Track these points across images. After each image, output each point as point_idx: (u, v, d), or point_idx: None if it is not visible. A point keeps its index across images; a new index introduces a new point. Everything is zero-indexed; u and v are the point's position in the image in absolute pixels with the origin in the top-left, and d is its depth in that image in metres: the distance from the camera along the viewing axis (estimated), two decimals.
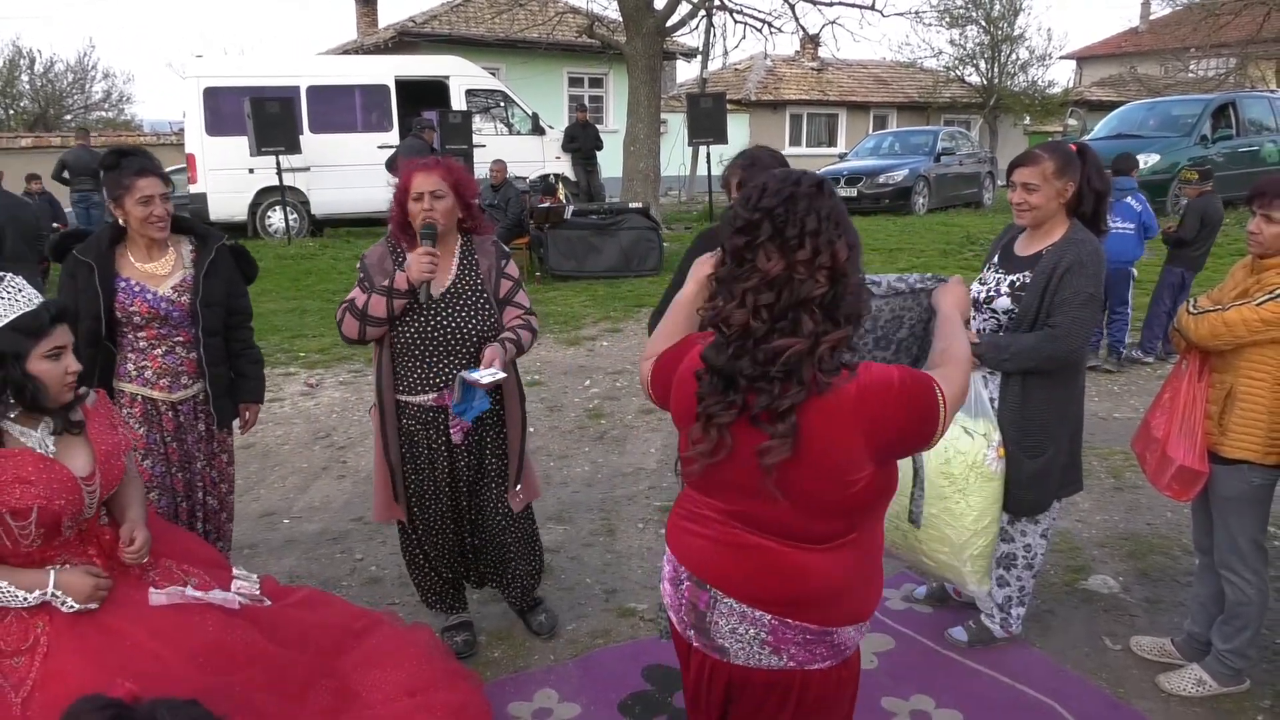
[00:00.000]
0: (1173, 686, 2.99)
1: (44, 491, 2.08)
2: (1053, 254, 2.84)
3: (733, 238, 1.60)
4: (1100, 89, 30.05)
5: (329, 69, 14.94)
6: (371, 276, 2.98)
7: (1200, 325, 2.79)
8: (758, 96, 25.27)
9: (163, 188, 2.94)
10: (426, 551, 3.22)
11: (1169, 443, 2.89)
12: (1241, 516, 2.83)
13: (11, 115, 26.60)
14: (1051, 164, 2.83)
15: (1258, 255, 2.79)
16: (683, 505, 1.81)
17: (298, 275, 10.88)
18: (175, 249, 3.08)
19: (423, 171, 2.94)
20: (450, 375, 2.94)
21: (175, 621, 2.26)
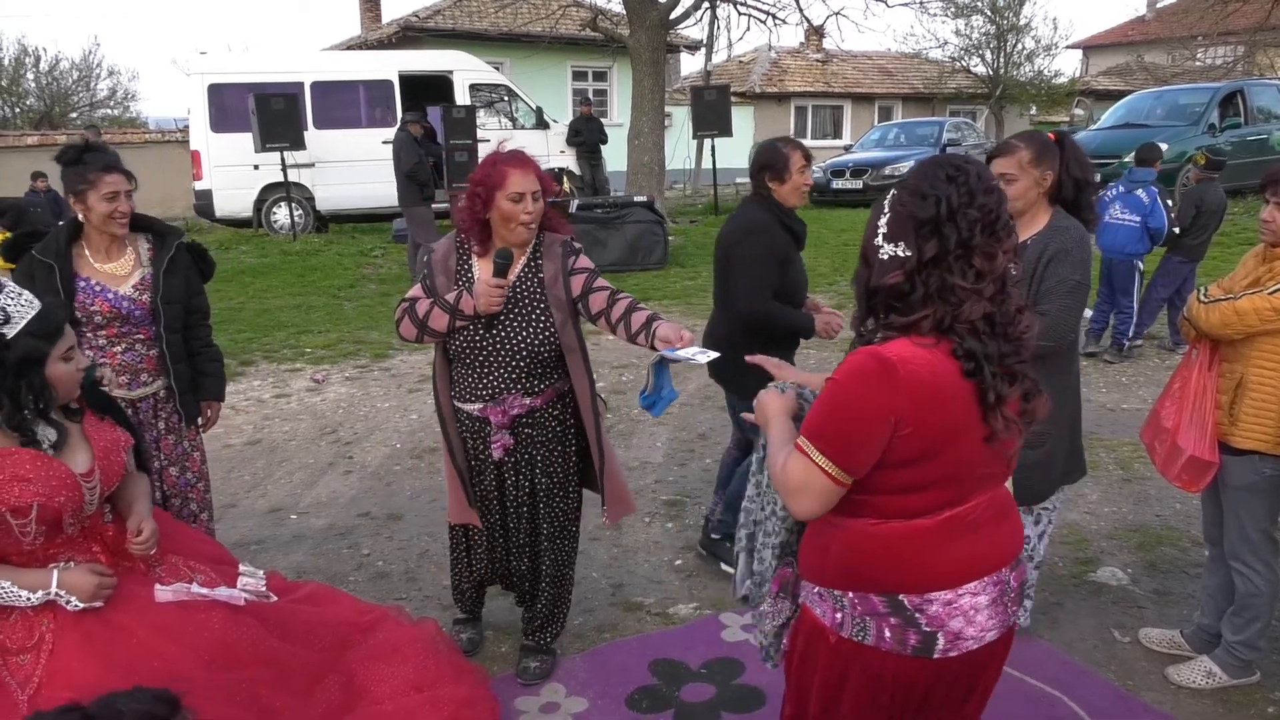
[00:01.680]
0: (1182, 678, 2.98)
1: (43, 489, 2.08)
2: (1038, 242, 2.83)
3: (937, 237, 1.61)
4: (1107, 78, 29.87)
5: (333, 65, 14.95)
6: (434, 276, 2.86)
7: (1211, 314, 2.77)
8: (762, 89, 25.18)
9: (128, 184, 2.95)
10: (470, 555, 3.17)
11: (1179, 433, 2.87)
12: (1251, 507, 2.81)
13: (17, 113, 26.65)
14: (1028, 153, 2.83)
15: (1270, 243, 2.77)
16: (950, 530, 1.69)
17: (303, 271, 10.89)
18: (133, 247, 3.08)
19: (520, 169, 2.73)
20: (499, 388, 2.82)
21: (181, 618, 2.26)
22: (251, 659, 2.33)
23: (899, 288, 1.64)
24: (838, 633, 1.73)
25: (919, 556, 1.69)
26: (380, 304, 9.43)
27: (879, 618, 1.70)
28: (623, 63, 18.04)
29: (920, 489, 1.66)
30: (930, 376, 1.60)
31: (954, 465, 1.65)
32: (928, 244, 1.61)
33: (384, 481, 4.90)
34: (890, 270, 1.64)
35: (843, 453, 1.62)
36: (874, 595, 1.70)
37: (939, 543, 1.69)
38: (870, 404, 1.60)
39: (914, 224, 1.62)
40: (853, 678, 1.75)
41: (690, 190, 19.01)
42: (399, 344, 7.79)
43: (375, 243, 12.48)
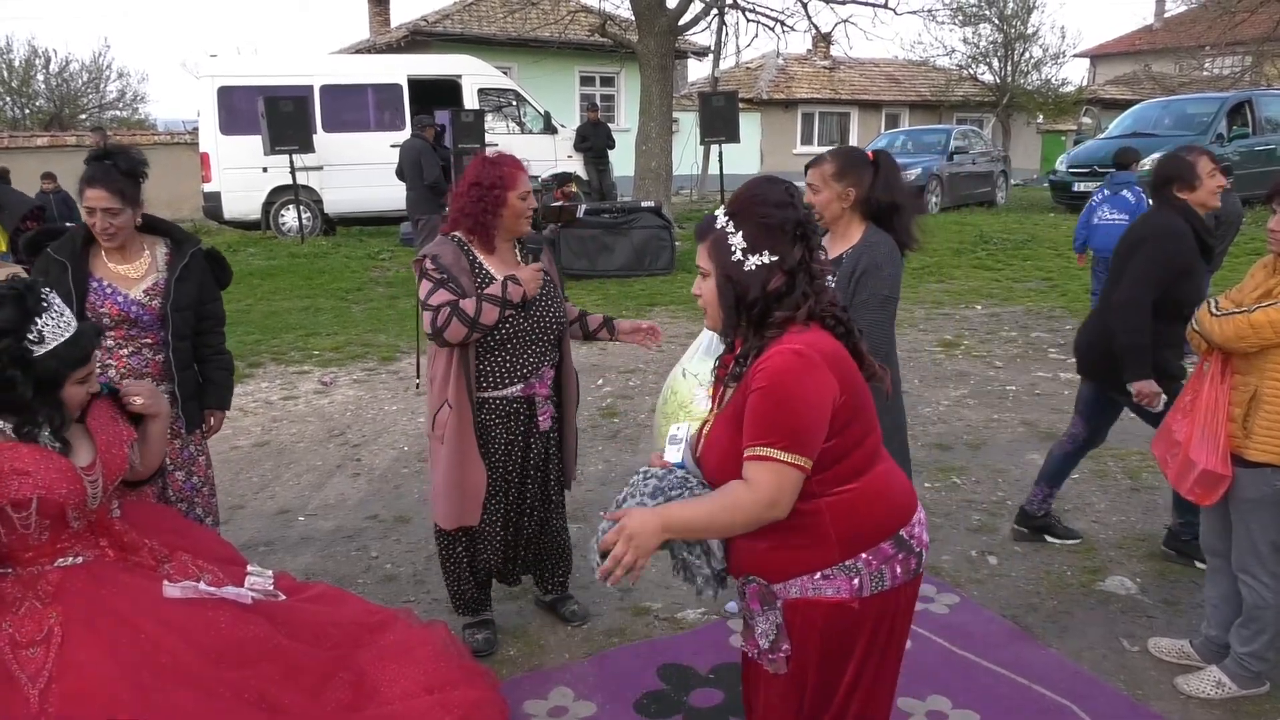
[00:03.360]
0: (1192, 688, 2.97)
1: (42, 482, 2.09)
2: (851, 257, 2.92)
3: (797, 245, 1.85)
4: (1114, 87, 29.87)
5: (342, 68, 14.99)
6: (457, 278, 2.96)
7: (1225, 327, 2.75)
8: (769, 95, 25.22)
9: (109, 201, 2.87)
10: (473, 554, 3.21)
11: (1191, 446, 2.86)
12: (1262, 520, 2.80)
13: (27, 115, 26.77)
14: (831, 167, 2.97)
15: (1278, 253, 2.77)
16: (880, 476, 1.91)
17: (311, 274, 10.92)
18: (150, 251, 3.05)
19: (521, 170, 3.04)
20: (535, 364, 3.09)
21: (189, 615, 2.26)
22: (259, 656, 2.33)
23: (779, 290, 1.84)
24: (859, 596, 1.86)
25: (896, 490, 1.93)
26: (388, 307, 9.46)
27: (890, 561, 1.88)
28: (630, 68, 18.08)
29: (863, 439, 1.87)
30: (829, 345, 1.84)
31: (867, 413, 1.89)
32: (794, 248, 1.84)
33: (392, 484, 4.91)
34: (765, 277, 1.84)
35: (805, 443, 1.77)
36: (883, 544, 1.87)
37: (894, 472, 1.95)
38: (813, 391, 1.77)
39: (780, 233, 1.84)
40: (870, 628, 1.89)
41: (697, 196, 19.03)
42: (406, 347, 7.81)
43: (383, 246, 12.51)
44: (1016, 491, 4.61)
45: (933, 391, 6.40)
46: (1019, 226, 13.76)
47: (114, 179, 2.88)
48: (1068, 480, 4.73)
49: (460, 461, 3.02)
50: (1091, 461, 4.89)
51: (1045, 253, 11.77)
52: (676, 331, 8.18)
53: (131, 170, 2.93)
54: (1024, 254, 11.68)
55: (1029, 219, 14.81)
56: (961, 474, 4.87)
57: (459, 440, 3.01)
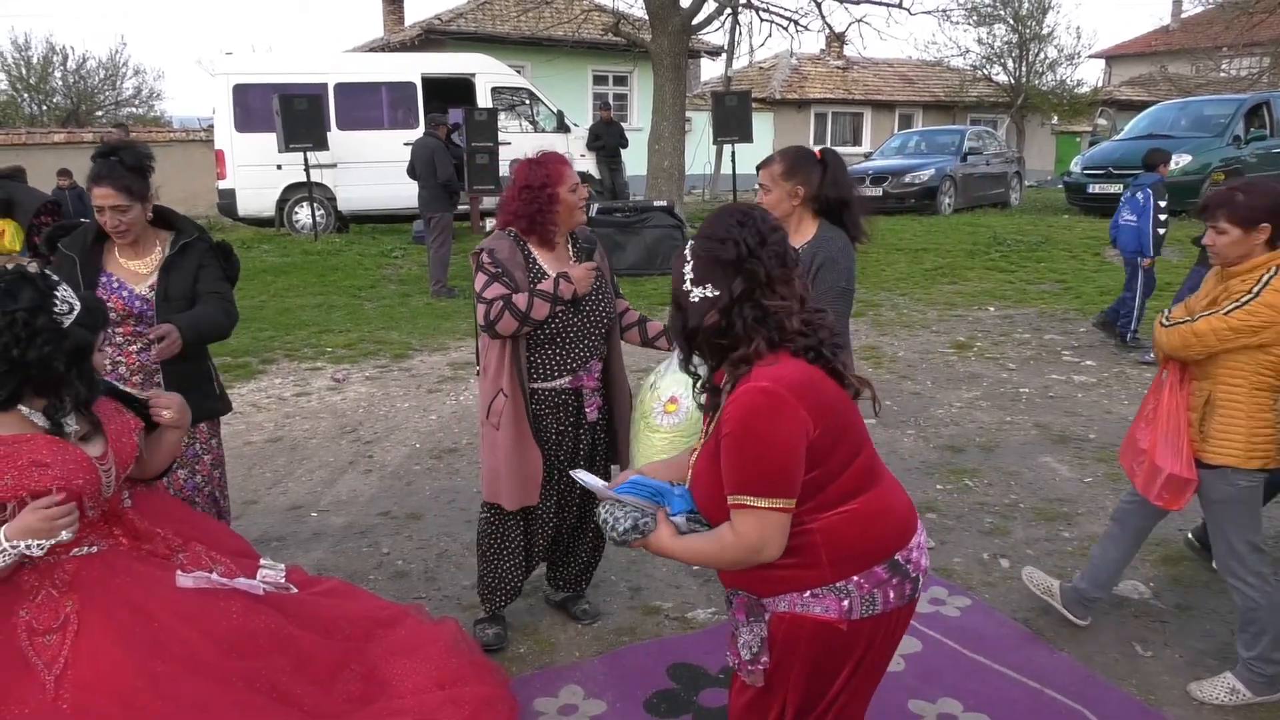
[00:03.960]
0: (1205, 695, 2.96)
1: (61, 472, 2.11)
2: (807, 252, 2.99)
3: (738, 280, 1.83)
4: (1130, 88, 29.70)
5: (356, 66, 15.03)
6: (512, 273, 3.04)
7: (1171, 336, 2.88)
8: (783, 95, 25.17)
9: (116, 199, 2.84)
10: (529, 535, 3.27)
11: (1156, 453, 2.94)
12: (1234, 519, 2.88)
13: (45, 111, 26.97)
14: (779, 167, 3.05)
15: (1221, 266, 2.89)
16: (890, 481, 1.93)
17: (324, 271, 10.96)
18: (161, 245, 3.04)
19: (567, 164, 3.11)
20: (584, 358, 3.15)
21: (202, 605, 2.28)
22: (271, 647, 2.34)
23: (718, 325, 1.83)
24: (849, 619, 1.84)
25: (893, 514, 1.89)
26: (400, 305, 9.49)
27: (883, 585, 1.85)
28: (643, 67, 18.07)
29: (850, 462, 1.84)
30: (802, 377, 1.79)
31: (853, 434, 1.86)
32: (734, 282, 1.82)
33: (404, 481, 4.93)
34: (704, 311, 1.84)
35: (783, 485, 1.75)
36: (877, 567, 1.85)
37: (895, 493, 1.92)
38: (784, 431, 1.74)
39: (719, 266, 1.83)
40: (859, 653, 1.87)
41: (709, 196, 19.02)
42: (419, 344, 7.84)
43: (395, 244, 12.55)
44: (1029, 494, 4.59)
45: (945, 393, 6.37)
46: (1033, 228, 13.69)
47: (120, 175, 2.86)
48: (1080, 484, 4.72)
49: (520, 446, 3.09)
50: (1105, 465, 4.87)
51: (1059, 254, 11.72)
52: None
53: (137, 165, 2.90)
54: (1038, 256, 11.63)
55: (1043, 220, 14.74)
56: (974, 476, 4.86)
57: (516, 426, 3.09)
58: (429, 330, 8.34)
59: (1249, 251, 2.81)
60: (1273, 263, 2.78)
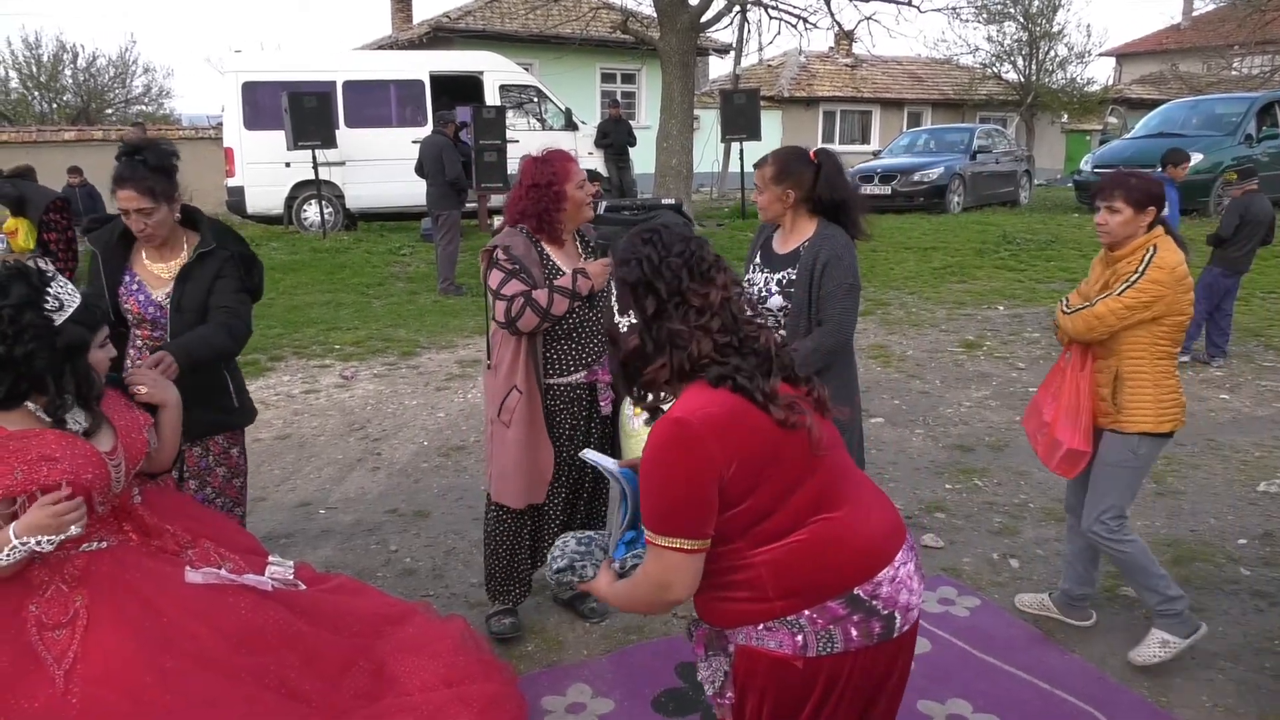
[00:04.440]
0: (1144, 658, 3.10)
1: (70, 467, 2.11)
2: (809, 250, 3.03)
3: (652, 294, 1.76)
4: (1141, 86, 29.55)
5: (365, 64, 15.05)
6: (529, 269, 3.05)
7: (1075, 322, 3.04)
8: (791, 93, 25.12)
9: (140, 201, 2.75)
10: (536, 532, 3.27)
11: (1057, 427, 3.14)
12: (1120, 483, 3.09)
13: (55, 109, 27.07)
14: (770, 170, 3.07)
15: (1108, 246, 3.06)
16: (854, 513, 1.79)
17: (333, 269, 10.98)
18: (188, 248, 2.94)
19: (573, 161, 3.12)
20: (597, 353, 3.15)
21: (210, 600, 2.29)
22: (280, 643, 2.35)
23: (639, 349, 1.78)
24: (804, 655, 1.75)
25: (849, 544, 1.76)
26: (408, 302, 9.50)
27: (841, 622, 1.75)
28: (651, 65, 18.05)
29: (785, 497, 1.73)
30: (718, 409, 1.70)
31: (787, 466, 1.73)
32: (646, 301, 1.76)
33: (412, 479, 4.93)
34: (629, 337, 1.81)
35: (685, 525, 1.69)
36: (830, 602, 1.74)
37: (860, 522, 1.79)
38: (685, 468, 1.67)
39: (629, 289, 1.79)
40: (818, 692, 1.77)
41: (717, 194, 18.99)
42: (426, 342, 7.84)
43: (403, 241, 12.57)
44: (1039, 494, 4.57)
45: (954, 392, 6.35)
46: (1043, 227, 13.63)
47: (143, 176, 2.76)
48: None
49: (532, 443, 3.09)
50: None
51: (1069, 253, 11.66)
52: None
53: (162, 165, 2.82)
54: (1047, 255, 11.57)
55: (1053, 219, 14.68)
56: (983, 476, 4.83)
57: (530, 423, 3.09)
58: (437, 328, 8.35)
59: (1134, 233, 3.01)
60: (1150, 242, 2.99)
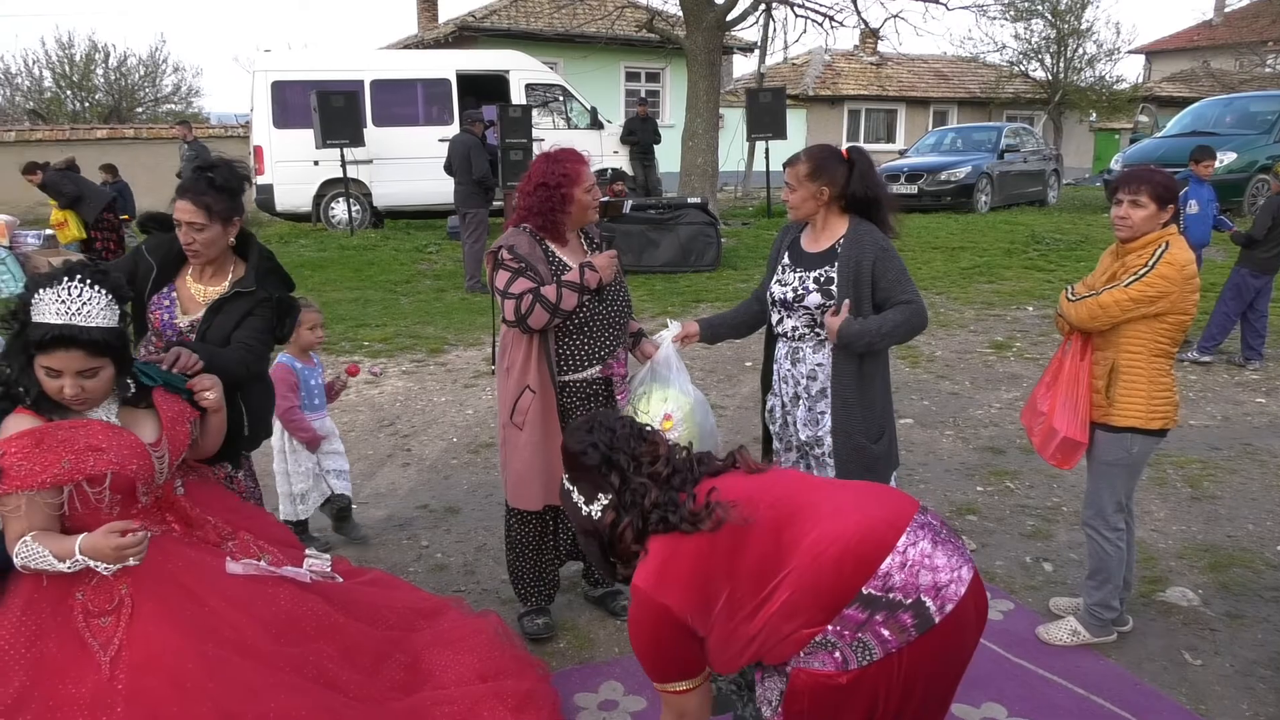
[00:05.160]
0: (1051, 637, 3.24)
1: (115, 458, 2.15)
2: (849, 248, 3.01)
3: (615, 470, 2.01)
4: (1171, 84, 29.17)
5: (392, 63, 15.14)
6: (535, 266, 3.03)
7: (1079, 309, 3.06)
8: (815, 91, 25.01)
9: (194, 215, 2.72)
10: (555, 534, 3.27)
11: (1054, 417, 3.15)
12: (1115, 480, 3.12)
13: (87, 107, 27.42)
14: (804, 167, 3.05)
15: (1124, 240, 3.07)
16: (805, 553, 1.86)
17: (360, 266, 11.05)
18: (234, 276, 2.89)
19: (585, 164, 3.10)
20: (610, 347, 3.16)
21: (251, 591, 2.32)
22: (317, 633, 2.38)
23: (615, 521, 1.97)
24: (845, 670, 1.79)
25: (831, 550, 1.81)
26: (435, 300, 9.54)
27: (868, 626, 1.77)
28: (675, 64, 18.03)
29: (739, 571, 1.86)
30: (659, 562, 1.89)
31: (725, 553, 1.87)
32: (611, 477, 1.98)
33: (441, 475, 4.96)
34: (606, 519, 1.98)
35: (679, 669, 1.92)
36: (846, 610, 1.77)
37: (833, 533, 1.83)
38: (653, 633, 1.90)
39: (593, 474, 2.00)
40: (868, 701, 1.81)
41: (741, 193, 18.95)
42: (454, 339, 7.88)
43: (430, 239, 12.63)
44: (1071, 497, 4.52)
45: (984, 394, 6.30)
46: (1072, 227, 13.49)
47: (203, 191, 2.73)
48: None
49: (547, 444, 3.06)
50: (1151, 469, 4.79)
51: (1099, 253, 11.35)
52: None
53: (227, 185, 2.78)
54: (1077, 255, 11.45)
55: (1082, 219, 14.52)
56: (1015, 478, 4.79)
57: (545, 422, 3.07)
58: (464, 325, 8.38)
59: (1153, 228, 3.02)
60: (1163, 238, 3.00)
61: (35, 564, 2.07)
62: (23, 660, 2.07)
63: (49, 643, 2.10)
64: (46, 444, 2.09)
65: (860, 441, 3.04)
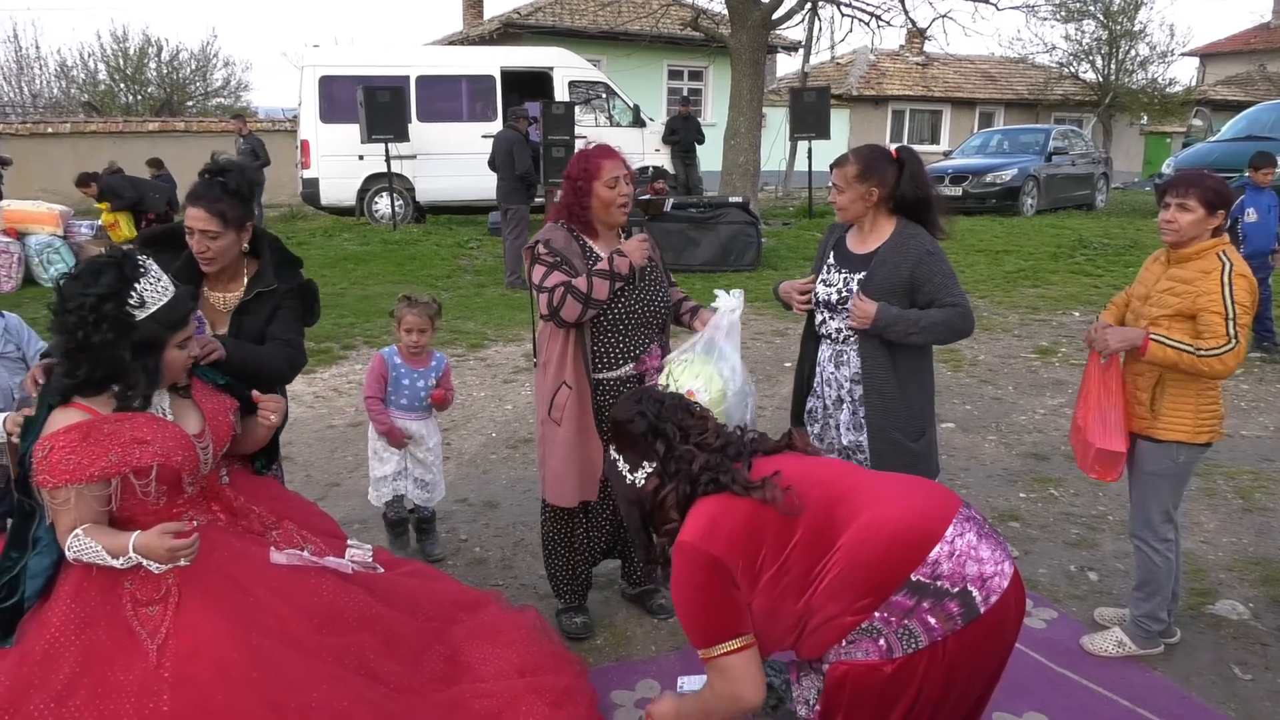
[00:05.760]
0: (1095, 647, 3.19)
1: (161, 449, 2.18)
2: (895, 251, 2.97)
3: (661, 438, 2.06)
4: (1226, 88, 28.48)
5: (437, 59, 15.26)
6: (570, 260, 3.03)
7: (1230, 361, 2.84)
8: (859, 91, 24.79)
9: (207, 223, 2.64)
10: (588, 531, 3.27)
11: (1089, 429, 3.10)
12: (1160, 491, 3.06)
13: (139, 100, 27.98)
14: (854, 168, 3.00)
15: (1172, 244, 2.99)
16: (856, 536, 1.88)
17: (402, 260, 11.16)
18: (248, 277, 2.85)
19: (609, 159, 3.05)
20: (643, 344, 3.12)
21: (294, 581, 2.35)
22: (359, 624, 2.40)
23: (658, 488, 2.01)
24: (890, 659, 1.80)
25: (881, 535, 1.84)
26: (476, 295, 9.61)
27: (914, 613, 1.78)
28: (719, 63, 17.97)
29: (790, 544, 1.88)
30: (706, 517, 1.92)
31: (774, 523, 1.89)
32: (656, 445, 2.02)
33: (480, 469, 4.99)
34: (649, 486, 2.03)
35: (723, 629, 1.88)
36: (893, 596, 1.79)
37: (884, 519, 1.86)
38: (701, 587, 1.89)
39: (638, 441, 2.05)
40: (914, 690, 1.82)
41: (782, 192, 18.84)
42: (494, 334, 7.93)
43: (471, 235, 12.72)
44: (1117, 506, 4.43)
45: (1028, 399, 6.20)
46: (1120, 231, 13.24)
47: (216, 198, 2.65)
48: None
49: (582, 440, 3.07)
50: (1200, 479, 4.68)
51: (1148, 259, 11.29)
52: (762, 328, 8.11)
53: (239, 190, 2.70)
54: (1125, 260, 11.23)
55: (1131, 224, 14.24)
56: (1059, 485, 4.71)
57: (581, 419, 3.07)
58: (504, 321, 8.43)
59: (1201, 234, 2.94)
60: (1220, 247, 2.93)
61: (87, 558, 2.11)
62: (73, 647, 2.11)
63: (98, 630, 2.14)
64: (94, 437, 2.12)
65: (897, 438, 3.00)
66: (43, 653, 2.10)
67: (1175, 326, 2.94)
